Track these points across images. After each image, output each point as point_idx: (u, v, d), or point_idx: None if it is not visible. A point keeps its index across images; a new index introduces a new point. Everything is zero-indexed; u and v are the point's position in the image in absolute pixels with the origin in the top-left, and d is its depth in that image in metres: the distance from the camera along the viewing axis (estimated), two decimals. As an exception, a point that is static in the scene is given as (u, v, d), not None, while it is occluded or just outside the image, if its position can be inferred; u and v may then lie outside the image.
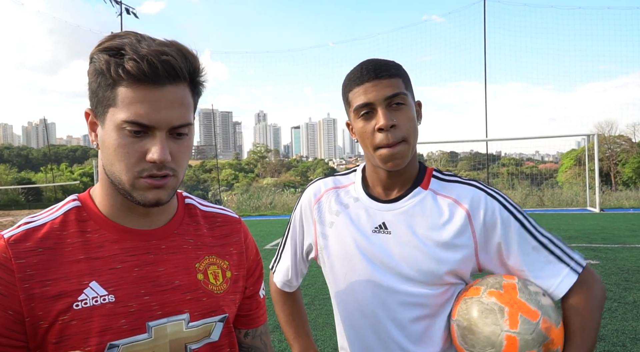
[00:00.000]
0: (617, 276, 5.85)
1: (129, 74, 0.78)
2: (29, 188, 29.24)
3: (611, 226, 10.35)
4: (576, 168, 24.80)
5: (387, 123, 1.07)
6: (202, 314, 0.92)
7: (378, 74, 1.09)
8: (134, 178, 0.83)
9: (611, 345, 3.71)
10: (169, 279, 0.90)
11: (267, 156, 72.21)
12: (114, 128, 0.82)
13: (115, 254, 0.87)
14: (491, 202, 1.13)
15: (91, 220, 0.89)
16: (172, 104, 0.82)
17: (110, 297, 0.84)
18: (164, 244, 0.92)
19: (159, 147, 0.81)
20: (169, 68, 0.80)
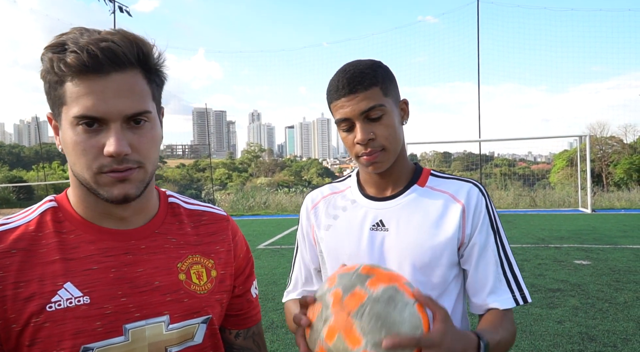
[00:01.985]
0: (608, 276, 5.90)
1: (70, 67, 0.76)
2: (21, 186, 28.98)
3: (603, 227, 10.42)
4: (568, 169, 24.98)
5: (363, 137, 1.09)
6: (184, 315, 0.89)
7: (352, 89, 1.09)
8: (94, 175, 0.80)
9: (602, 346, 3.74)
10: (148, 280, 0.87)
11: (261, 156, 72.06)
12: (68, 126, 0.80)
13: (91, 254, 0.84)
14: (483, 202, 1.16)
15: (67, 221, 0.87)
16: (120, 92, 0.78)
17: (85, 299, 0.81)
18: (144, 244, 0.89)
19: (114, 139, 0.77)
20: (110, 55, 0.77)
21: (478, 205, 1.14)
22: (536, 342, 3.84)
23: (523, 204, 16.39)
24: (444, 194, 1.17)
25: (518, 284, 1.14)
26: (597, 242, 8.43)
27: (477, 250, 1.13)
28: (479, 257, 1.13)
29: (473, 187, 1.17)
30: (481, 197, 1.16)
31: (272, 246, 9.09)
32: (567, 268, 6.38)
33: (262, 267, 6.81)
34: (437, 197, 1.16)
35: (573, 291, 5.26)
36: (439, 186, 1.19)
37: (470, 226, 1.13)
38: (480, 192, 1.17)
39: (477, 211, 1.14)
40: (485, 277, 1.13)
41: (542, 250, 7.77)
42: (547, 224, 10.99)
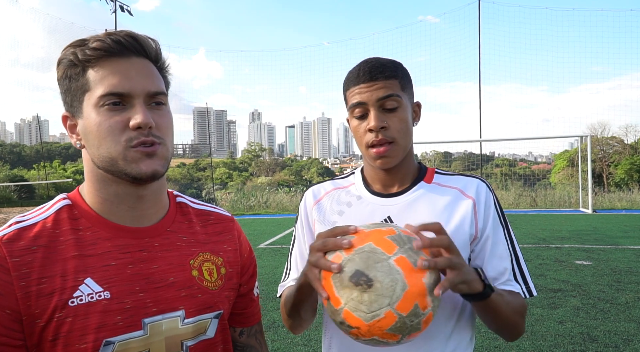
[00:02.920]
0: (609, 276, 5.89)
1: (95, 51, 0.82)
2: (22, 185, 29.00)
3: (603, 227, 10.42)
4: (569, 169, 24.96)
5: (377, 124, 1.09)
6: (198, 310, 0.91)
7: (373, 76, 1.10)
8: (123, 149, 0.83)
9: (603, 346, 3.73)
10: (163, 276, 0.89)
11: (262, 155, 72.11)
12: (92, 109, 0.83)
13: (108, 251, 0.86)
14: (491, 197, 1.17)
15: (83, 218, 0.88)
16: (143, 72, 0.85)
17: (105, 294, 0.83)
18: (157, 242, 0.91)
19: (141, 112, 0.82)
20: (132, 41, 0.85)
21: (487, 200, 1.16)
22: (537, 343, 3.84)
23: (524, 204, 16.38)
24: (453, 189, 1.17)
25: (524, 277, 1.16)
26: (598, 242, 8.42)
27: (490, 244, 1.14)
28: (490, 251, 1.14)
29: (481, 182, 1.19)
30: (489, 192, 1.17)
31: (273, 245, 9.08)
32: (568, 268, 6.38)
33: (262, 267, 6.80)
34: (446, 193, 1.17)
35: (574, 291, 5.26)
36: (446, 182, 1.19)
37: (482, 220, 1.14)
38: (488, 187, 1.19)
39: (487, 206, 1.15)
40: (496, 271, 1.13)
41: (543, 250, 7.77)
42: (548, 225, 10.98)
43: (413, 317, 0.85)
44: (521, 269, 1.16)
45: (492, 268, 1.13)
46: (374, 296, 0.84)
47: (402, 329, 0.85)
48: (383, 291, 0.84)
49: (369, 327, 0.85)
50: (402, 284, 0.84)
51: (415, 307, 0.85)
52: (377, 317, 0.84)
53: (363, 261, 0.86)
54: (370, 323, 0.85)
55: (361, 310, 0.85)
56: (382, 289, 0.84)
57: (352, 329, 0.88)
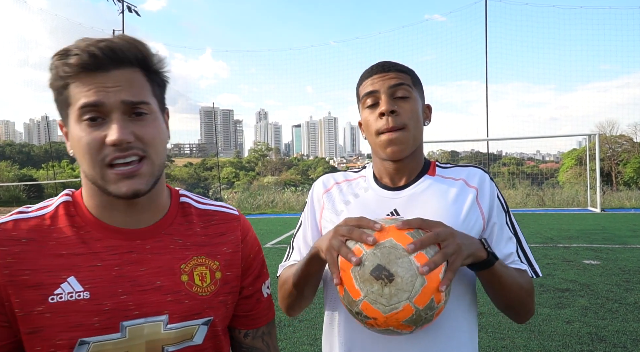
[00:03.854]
0: (618, 276, 5.84)
1: (73, 68, 0.81)
2: (31, 185, 29.27)
3: (612, 226, 10.33)
4: (577, 168, 24.77)
5: (387, 107, 1.12)
6: (183, 316, 0.90)
7: (385, 68, 1.17)
8: (100, 169, 0.82)
9: (612, 346, 3.70)
10: (150, 280, 0.89)
11: (268, 155, 72.21)
12: (75, 123, 0.83)
13: (97, 251, 0.87)
14: (492, 184, 1.21)
15: (78, 216, 0.90)
16: (120, 83, 0.82)
17: (85, 294, 0.84)
18: (149, 244, 0.91)
19: (116, 127, 0.81)
20: (109, 52, 0.82)
21: (491, 188, 1.19)
22: (545, 343, 3.82)
23: (531, 203, 16.29)
24: (457, 180, 1.20)
25: (528, 259, 1.19)
26: (607, 242, 8.36)
27: (496, 231, 1.16)
28: (497, 237, 1.16)
29: (483, 172, 1.22)
30: (491, 181, 1.21)
31: (279, 244, 9.10)
32: (576, 268, 6.34)
33: (270, 266, 6.72)
34: (450, 185, 1.19)
35: (582, 291, 5.22)
36: (449, 174, 1.22)
37: (487, 209, 1.17)
38: (489, 176, 1.22)
39: (491, 194, 1.18)
40: (502, 254, 1.15)
41: (551, 250, 7.72)
42: (556, 224, 10.91)
43: (428, 310, 0.91)
44: (525, 252, 1.19)
45: (499, 251, 1.15)
46: (394, 290, 0.89)
47: (417, 320, 0.91)
48: (403, 285, 0.89)
49: (386, 319, 0.91)
50: (422, 280, 0.89)
51: (431, 301, 0.90)
52: (395, 310, 0.89)
53: (384, 256, 0.91)
54: (388, 315, 0.90)
55: (380, 303, 0.90)
56: (403, 283, 0.89)
57: (369, 320, 0.93)
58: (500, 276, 1.05)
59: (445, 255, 0.92)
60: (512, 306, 1.12)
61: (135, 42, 0.85)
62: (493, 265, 1.02)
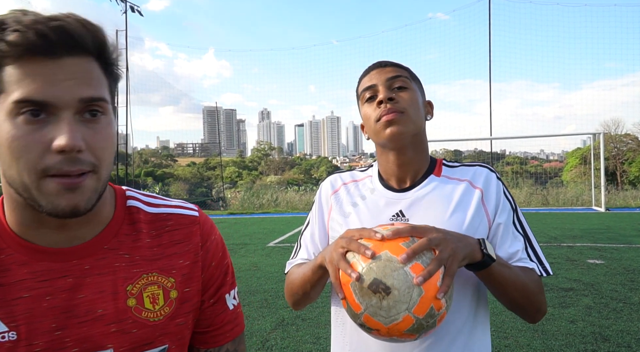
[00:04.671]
0: (622, 276, 5.82)
1: (13, 46, 0.63)
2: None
3: (617, 226, 10.29)
4: (581, 167, 24.68)
5: (385, 95, 1.14)
6: (132, 348, 0.75)
7: (383, 63, 1.21)
8: (38, 179, 0.65)
9: (616, 346, 3.69)
10: (89, 308, 0.73)
11: (271, 154, 72.29)
12: (5, 117, 0.64)
13: (22, 279, 0.71)
14: (498, 184, 1.20)
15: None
16: (74, 75, 0.66)
17: (11, 335, 0.69)
18: (88, 264, 0.74)
19: (67, 129, 0.64)
20: (63, 35, 0.64)
21: (497, 188, 1.18)
22: (549, 342, 3.81)
23: (535, 202, 16.24)
24: (462, 181, 1.19)
25: (538, 257, 1.17)
26: (611, 241, 8.32)
27: (501, 230, 1.15)
28: (502, 236, 1.15)
29: (489, 171, 1.21)
30: (498, 181, 1.20)
31: (282, 244, 9.11)
32: (580, 267, 6.31)
33: (272, 265, 6.84)
34: (456, 185, 1.19)
35: (586, 291, 5.20)
36: (455, 175, 1.21)
37: (492, 209, 1.16)
38: (495, 175, 1.21)
39: (497, 194, 1.17)
40: (508, 253, 1.14)
41: (555, 249, 7.69)
42: (560, 223, 10.88)
43: (429, 318, 0.91)
44: (534, 250, 1.18)
45: (504, 251, 1.14)
46: (392, 303, 0.90)
47: (419, 329, 0.92)
48: (400, 297, 0.90)
49: (388, 330, 0.92)
50: (419, 290, 0.90)
51: (431, 309, 0.91)
52: (395, 321, 0.90)
53: (380, 270, 0.91)
54: (390, 326, 0.91)
55: (380, 315, 0.91)
56: (400, 295, 0.90)
57: (372, 331, 0.94)
58: (499, 275, 1.04)
59: (440, 261, 0.92)
60: (518, 305, 1.11)
61: (92, 26, 0.68)
62: (490, 266, 1.01)
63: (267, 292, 5.44)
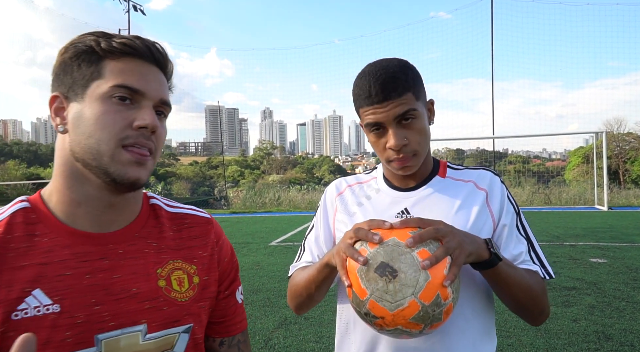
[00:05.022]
0: (625, 275, 5.81)
1: (123, 46, 0.81)
2: (38, 184, 29.48)
3: (619, 225, 10.26)
4: (584, 166, 24.60)
5: (397, 143, 1.09)
6: (163, 324, 0.84)
7: (387, 95, 1.07)
8: (115, 147, 0.78)
9: (619, 345, 3.69)
10: (124, 287, 0.82)
11: (273, 153, 72.32)
12: (98, 98, 0.79)
13: (65, 259, 0.79)
14: (502, 187, 1.21)
15: (40, 223, 0.81)
16: (158, 80, 0.85)
17: (54, 307, 0.76)
18: (122, 249, 0.84)
19: (150, 114, 0.81)
20: (156, 51, 0.85)
21: (501, 190, 1.19)
22: (551, 341, 3.81)
23: (538, 201, 16.21)
24: (467, 183, 1.20)
25: (541, 261, 1.18)
26: (614, 240, 8.30)
27: (505, 233, 1.16)
28: (506, 239, 1.16)
29: (493, 175, 1.22)
30: (501, 183, 1.21)
31: (285, 243, 9.12)
32: (583, 266, 6.30)
33: (274, 264, 6.82)
34: (460, 186, 1.20)
35: (589, 290, 5.20)
36: (460, 176, 1.22)
37: (497, 211, 1.17)
38: (499, 178, 1.22)
39: (501, 196, 1.18)
40: (511, 255, 1.15)
41: (557, 248, 7.68)
42: (562, 222, 10.86)
43: (435, 306, 0.91)
44: (537, 253, 1.19)
45: (508, 253, 1.15)
46: (399, 286, 0.90)
47: (425, 318, 0.91)
48: (407, 281, 0.90)
49: (393, 317, 0.91)
50: (425, 275, 0.90)
51: (437, 297, 0.90)
52: (401, 306, 0.90)
53: (387, 254, 0.92)
54: (395, 312, 0.90)
55: (386, 300, 0.90)
56: (406, 279, 0.90)
57: (377, 320, 0.93)
58: (505, 276, 1.04)
59: (447, 249, 0.93)
60: (522, 306, 1.11)
61: (165, 50, 0.89)
62: (497, 265, 1.01)
63: (269, 291, 5.45)
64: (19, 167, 38.54)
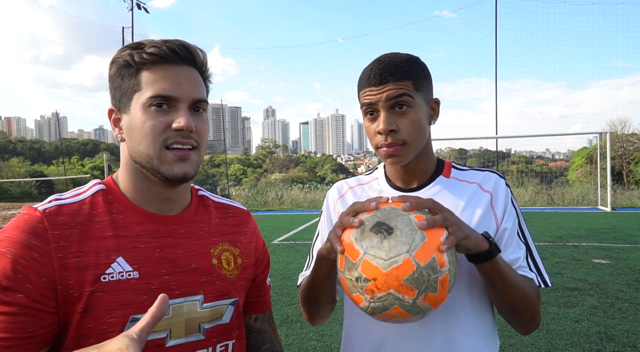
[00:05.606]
0: (628, 276, 5.79)
1: (151, 56, 0.90)
2: (42, 181, 29.57)
3: (623, 226, 10.23)
4: (587, 166, 24.52)
5: (385, 127, 1.09)
6: (215, 296, 0.97)
7: (383, 78, 1.09)
8: (160, 149, 0.89)
9: (621, 346, 3.68)
10: (186, 262, 0.95)
11: (276, 152, 72.32)
12: (139, 109, 0.90)
13: (139, 234, 0.92)
14: (507, 190, 1.20)
15: (116, 202, 0.94)
16: (191, 80, 0.93)
17: (134, 274, 0.88)
18: (182, 229, 0.98)
19: (185, 116, 0.90)
20: (184, 50, 0.92)
21: (506, 194, 1.18)
22: (553, 341, 3.80)
23: (540, 201, 16.17)
24: (471, 184, 1.19)
25: (538, 268, 1.17)
26: (617, 241, 8.28)
27: (506, 237, 1.16)
28: (505, 243, 1.16)
29: (499, 177, 1.21)
30: (506, 187, 1.20)
31: (287, 241, 9.12)
32: (586, 267, 6.29)
33: (277, 262, 6.85)
34: (465, 187, 1.19)
35: (592, 290, 5.19)
36: (464, 177, 1.21)
37: (500, 214, 1.16)
38: (504, 181, 1.21)
39: (505, 199, 1.17)
40: (509, 259, 1.14)
41: (560, 248, 7.66)
42: (565, 223, 10.82)
43: (430, 270, 0.86)
44: (535, 261, 1.18)
45: (506, 257, 1.14)
46: (394, 242, 0.87)
47: (419, 281, 0.85)
48: (402, 237, 0.87)
49: (385, 277, 0.85)
50: (421, 235, 0.88)
51: (432, 260, 0.86)
52: (395, 263, 0.85)
53: (384, 215, 0.92)
54: (388, 271, 0.85)
55: (380, 257, 0.86)
56: (402, 236, 0.87)
57: (368, 283, 0.87)
58: (502, 272, 1.03)
59: (445, 219, 0.92)
60: (515, 310, 1.09)
61: (200, 49, 0.96)
62: (495, 257, 1.00)
63: (272, 289, 5.44)
64: (22, 165, 38.65)
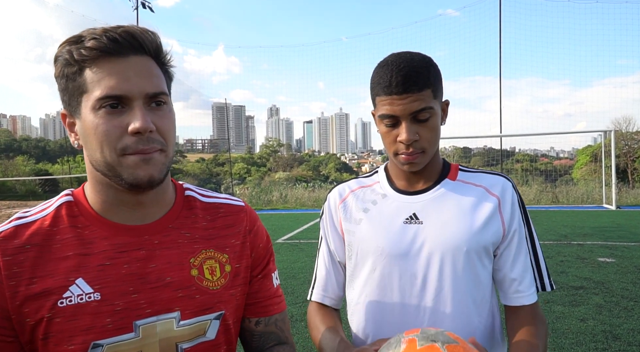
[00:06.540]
0: (633, 274, 5.76)
1: (91, 51, 0.78)
2: (46, 179, 29.72)
3: (628, 224, 10.17)
4: (592, 165, 24.38)
5: (409, 138, 1.08)
6: (195, 312, 0.89)
7: (407, 88, 1.05)
8: (118, 157, 0.80)
9: (627, 345, 3.66)
10: (160, 276, 0.87)
11: (280, 150, 72.36)
12: (90, 112, 0.80)
13: (104, 250, 0.84)
14: (515, 194, 1.18)
15: (82, 216, 0.87)
16: (141, 72, 0.81)
17: (95, 295, 0.81)
18: (157, 239, 0.89)
19: (140, 115, 0.79)
20: (129, 38, 0.80)
21: (513, 198, 1.16)
22: (559, 340, 3.78)
23: (545, 200, 16.10)
24: (478, 187, 1.18)
25: (540, 273, 1.17)
26: (622, 239, 8.23)
27: (516, 240, 1.15)
28: (516, 248, 1.15)
29: (506, 181, 1.19)
30: (514, 191, 1.18)
31: (291, 240, 9.12)
32: (591, 265, 6.25)
33: (281, 261, 6.83)
34: (471, 190, 1.17)
35: (597, 289, 5.16)
36: (471, 180, 1.19)
37: (508, 219, 1.15)
38: (512, 185, 1.19)
39: (513, 204, 1.16)
40: (517, 268, 1.14)
41: (565, 247, 7.63)
42: (570, 221, 10.78)
43: None
44: (539, 267, 1.17)
45: (513, 264, 1.15)
46: None
47: None
48: None
49: None
50: None
51: None
52: None
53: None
54: None
55: None
56: None
57: None
58: None
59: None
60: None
61: (149, 31, 0.84)
62: None
63: (275, 288, 5.45)
64: (27, 163, 38.85)
